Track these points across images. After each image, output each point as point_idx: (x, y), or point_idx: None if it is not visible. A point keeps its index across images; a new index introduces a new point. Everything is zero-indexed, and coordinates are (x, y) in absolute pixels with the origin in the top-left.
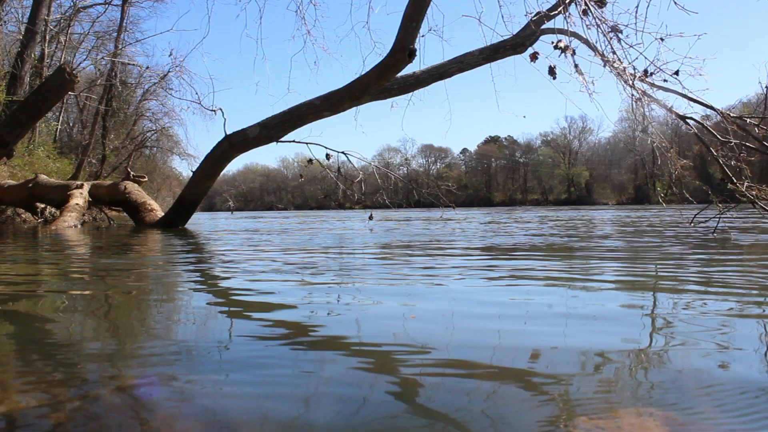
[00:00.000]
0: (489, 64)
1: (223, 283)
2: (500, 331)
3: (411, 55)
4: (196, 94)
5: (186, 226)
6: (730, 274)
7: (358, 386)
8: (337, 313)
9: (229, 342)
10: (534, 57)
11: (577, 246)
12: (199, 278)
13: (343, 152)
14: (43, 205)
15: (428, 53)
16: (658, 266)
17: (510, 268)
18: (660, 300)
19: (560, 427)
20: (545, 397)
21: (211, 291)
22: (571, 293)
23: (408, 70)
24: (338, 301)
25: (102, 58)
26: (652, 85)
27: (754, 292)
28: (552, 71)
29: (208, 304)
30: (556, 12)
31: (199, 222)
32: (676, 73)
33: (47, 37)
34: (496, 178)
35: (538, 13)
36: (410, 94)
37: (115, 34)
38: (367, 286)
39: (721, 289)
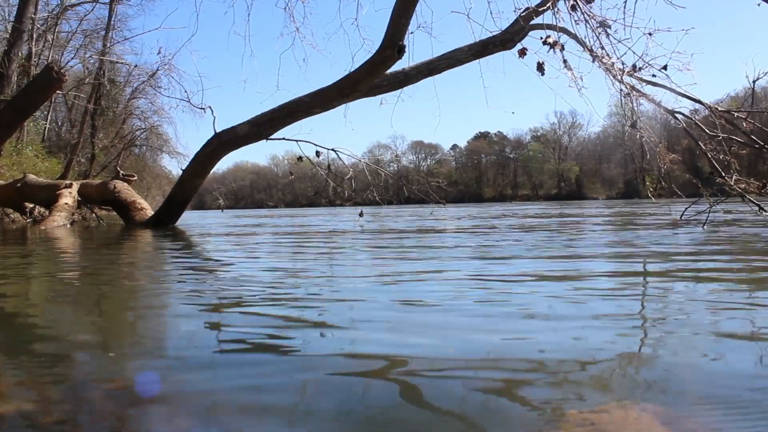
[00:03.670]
0: (478, 60)
1: (215, 283)
2: (493, 326)
3: (400, 51)
4: (185, 92)
5: (176, 224)
6: (720, 267)
7: (355, 381)
8: (328, 308)
9: (223, 341)
10: (523, 53)
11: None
12: (190, 277)
13: (332, 149)
14: (31, 205)
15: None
16: (646, 260)
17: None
18: (651, 293)
19: (551, 420)
20: (537, 391)
21: (202, 290)
22: (562, 287)
23: (397, 66)
24: (330, 297)
25: (90, 56)
26: (641, 80)
27: (745, 285)
28: (541, 67)
29: (200, 302)
30: (545, 8)
31: (190, 220)
32: (665, 67)
33: (34, 36)
34: (487, 174)
35: (526, 8)
36: (399, 90)
37: (103, 33)
38: (361, 286)
39: (712, 283)
